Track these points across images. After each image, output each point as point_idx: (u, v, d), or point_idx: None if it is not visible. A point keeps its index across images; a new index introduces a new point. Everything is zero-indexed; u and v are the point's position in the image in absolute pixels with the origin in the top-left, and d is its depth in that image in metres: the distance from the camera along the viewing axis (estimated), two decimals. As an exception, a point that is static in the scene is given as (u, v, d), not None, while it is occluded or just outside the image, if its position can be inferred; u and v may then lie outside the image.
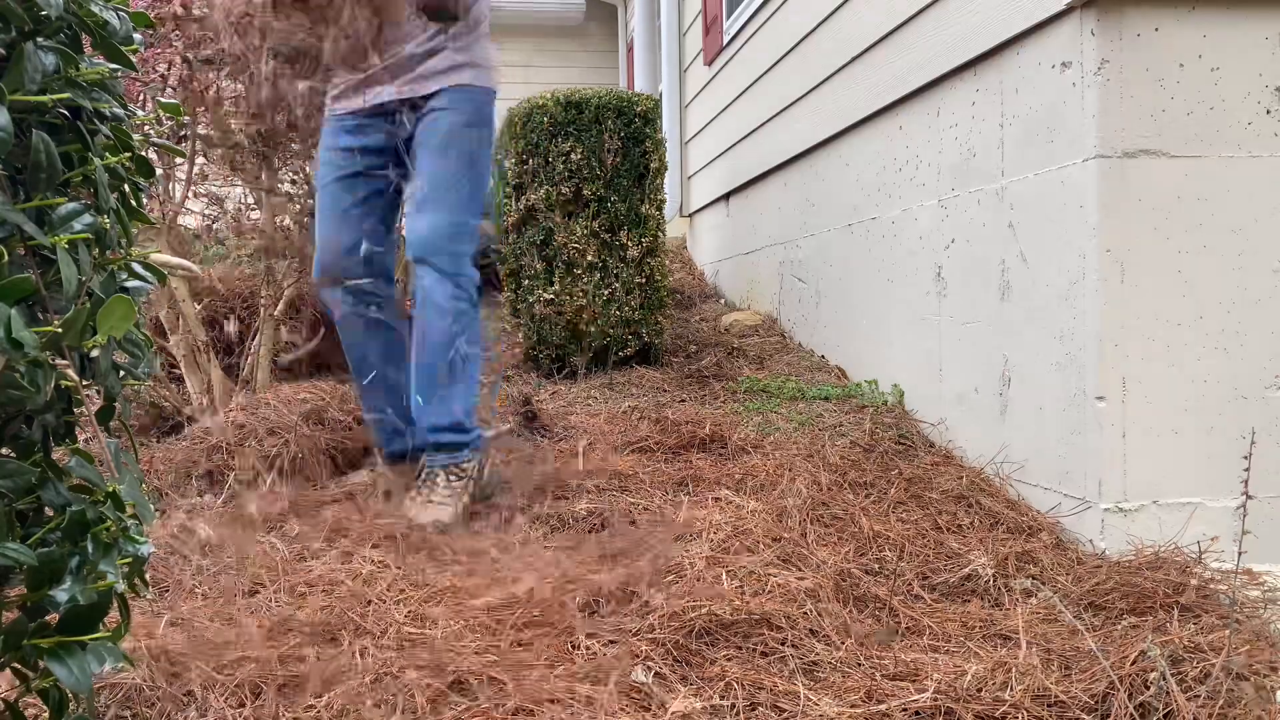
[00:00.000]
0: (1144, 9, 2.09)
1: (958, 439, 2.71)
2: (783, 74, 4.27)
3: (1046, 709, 1.44)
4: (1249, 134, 2.11)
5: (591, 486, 2.38)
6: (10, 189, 0.93)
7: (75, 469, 0.99)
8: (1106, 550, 2.07)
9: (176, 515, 2.18)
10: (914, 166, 3.00)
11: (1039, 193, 2.30)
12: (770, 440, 2.77)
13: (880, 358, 3.27)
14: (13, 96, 0.91)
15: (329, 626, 1.67)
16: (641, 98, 3.86)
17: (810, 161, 4.00)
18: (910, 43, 2.94)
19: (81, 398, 1.02)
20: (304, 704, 1.42)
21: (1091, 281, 2.11)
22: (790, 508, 2.16)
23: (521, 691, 1.45)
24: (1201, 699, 1.42)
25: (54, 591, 0.93)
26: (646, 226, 3.83)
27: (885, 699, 1.46)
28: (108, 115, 1.07)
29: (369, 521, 2.18)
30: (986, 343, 2.56)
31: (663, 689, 1.49)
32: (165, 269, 2.39)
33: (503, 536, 2.15)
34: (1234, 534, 1.92)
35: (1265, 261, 2.11)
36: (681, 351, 4.10)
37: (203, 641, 1.59)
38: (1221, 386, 2.11)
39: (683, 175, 6.59)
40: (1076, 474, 2.17)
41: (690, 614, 1.66)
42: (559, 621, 1.69)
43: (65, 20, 0.99)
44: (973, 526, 2.20)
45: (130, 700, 1.47)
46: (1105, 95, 2.08)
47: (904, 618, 1.77)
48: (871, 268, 3.34)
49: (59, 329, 0.90)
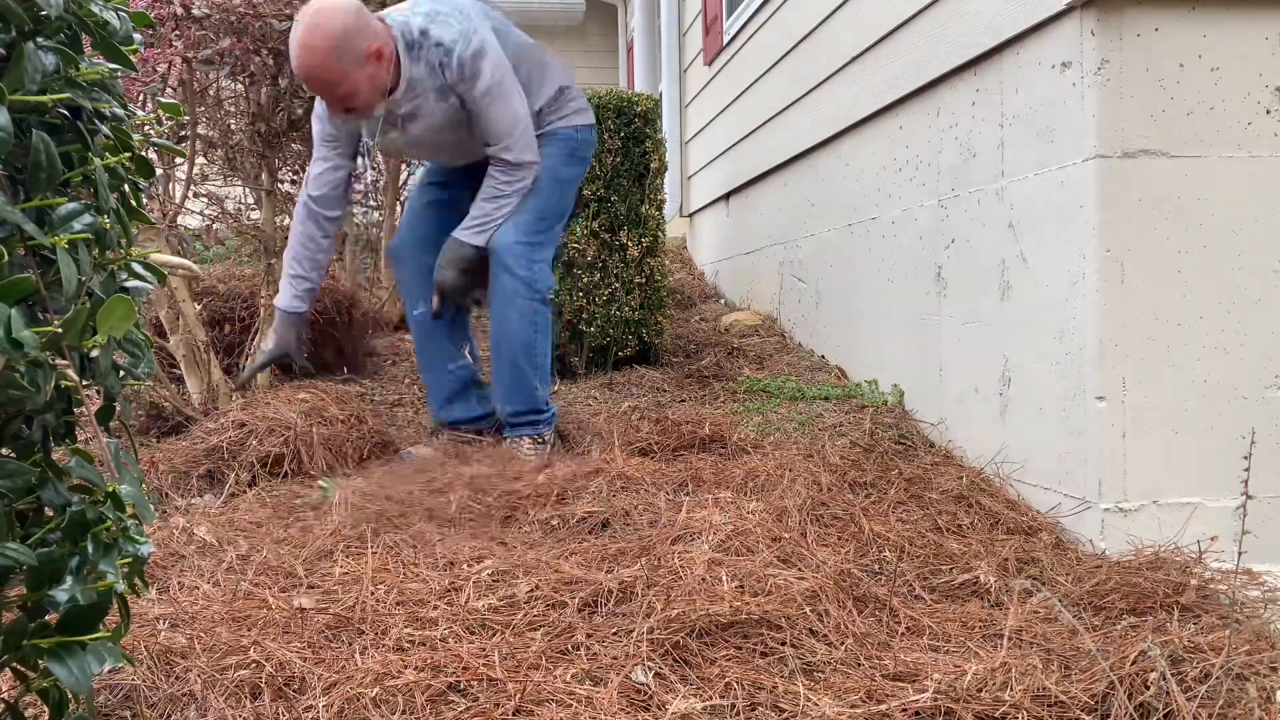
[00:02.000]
0: (1144, 9, 2.09)
1: (958, 439, 2.71)
2: (783, 74, 4.27)
3: (1046, 709, 1.44)
4: (1249, 134, 2.11)
5: (591, 486, 2.38)
6: (10, 189, 0.93)
7: (75, 469, 0.99)
8: (1106, 550, 2.07)
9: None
10: (914, 166, 3.00)
11: (1039, 193, 2.30)
12: (770, 440, 2.77)
13: (880, 358, 3.27)
14: (13, 96, 0.91)
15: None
16: (641, 98, 3.86)
17: (810, 161, 4.00)
18: (910, 42, 2.94)
19: (81, 398, 1.02)
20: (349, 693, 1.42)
21: (1091, 281, 2.11)
22: (790, 508, 2.16)
23: (522, 692, 1.45)
24: (1201, 699, 1.42)
25: (54, 591, 0.93)
26: (646, 226, 3.83)
27: (885, 699, 1.46)
28: (108, 115, 1.07)
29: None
30: (986, 343, 2.56)
31: (663, 689, 1.49)
32: (165, 269, 2.40)
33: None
34: (1234, 534, 1.92)
35: (1265, 261, 2.12)
36: (681, 351, 4.10)
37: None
38: (1221, 386, 2.11)
39: (683, 175, 6.60)
40: (1076, 474, 2.17)
41: (690, 614, 1.66)
42: (559, 621, 1.69)
43: (65, 20, 0.99)
44: (973, 527, 2.20)
45: (130, 700, 1.47)
46: (1105, 95, 2.08)
47: (904, 618, 1.77)
48: (871, 268, 3.34)
49: (59, 329, 0.90)
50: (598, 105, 3.72)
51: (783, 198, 4.41)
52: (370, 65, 2.41)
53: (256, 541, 2.11)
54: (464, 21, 2.49)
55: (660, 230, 3.92)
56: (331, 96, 2.45)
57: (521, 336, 2.68)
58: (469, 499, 2.30)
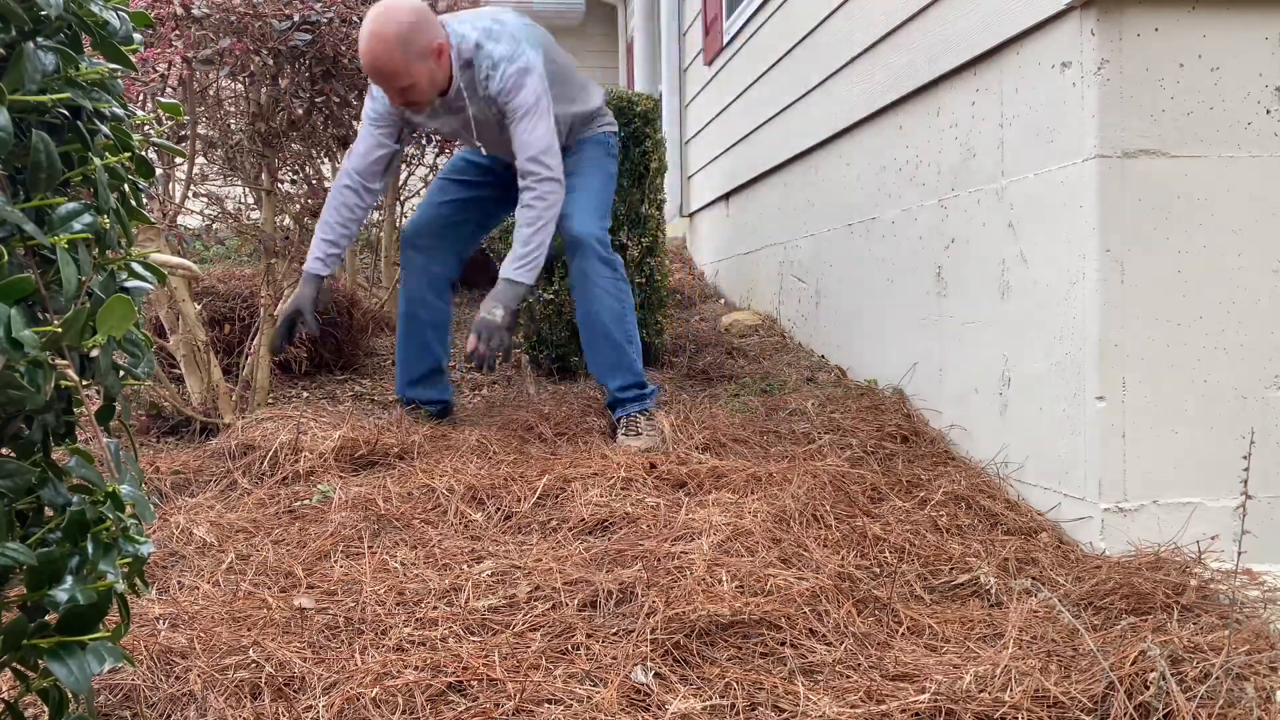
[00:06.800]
0: (1144, 9, 2.09)
1: (957, 439, 2.71)
2: (782, 74, 4.27)
3: (1046, 709, 1.44)
4: (1249, 134, 2.11)
5: (592, 486, 2.38)
6: (10, 189, 0.93)
7: (75, 469, 0.99)
8: (1106, 550, 2.07)
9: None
10: (914, 166, 3.00)
11: (1039, 193, 2.30)
12: (775, 450, 2.77)
13: (880, 357, 3.27)
14: (13, 96, 0.91)
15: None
16: (641, 98, 3.86)
17: (810, 161, 4.00)
18: (910, 42, 2.94)
19: (81, 398, 1.02)
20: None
21: (1091, 281, 2.11)
22: (790, 508, 2.16)
23: (522, 691, 1.45)
24: (1201, 699, 1.42)
25: (54, 591, 0.93)
26: (646, 226, 3.83)
27: (885, 699, 1.46)
28: (108, 115, 1.07)
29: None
30: (986, 343, 2.56)
31: (662, 689, 1.49)
32: (165, 269, 2.40)
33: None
34: (1234, 534, 1.92)
35: (1265, 261, 2.11)
36: (681, 351, 4.10)
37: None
38: (1221, 386, 2.11)
39: (683, 175, 6.59)
40: (1076, 474, 2.17)
41: (690, 614, 1.66)
42: (559, 621, 1.69)
43: (65, 20, 0.99)
44: (972, 527, 2.20)
45: (130, 700, 1.47)
46: (1105, 95, 2.08)
47: (904, 618, 1.77)
48: (871, 268, 3.34)
49: (59, 329, 0.90)
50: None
51: (783, 198, 4.41)
52: (431, 61, 2.58)
53: (256, 541, 2.11)
54: (514, 43, 2.67)
55: (660, 230, 3.92)
56: (392, 87, 2.60)
57: (614, 312, 2.88)
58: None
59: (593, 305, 2.87)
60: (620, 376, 2.90)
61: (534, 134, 2.68)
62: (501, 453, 2.65)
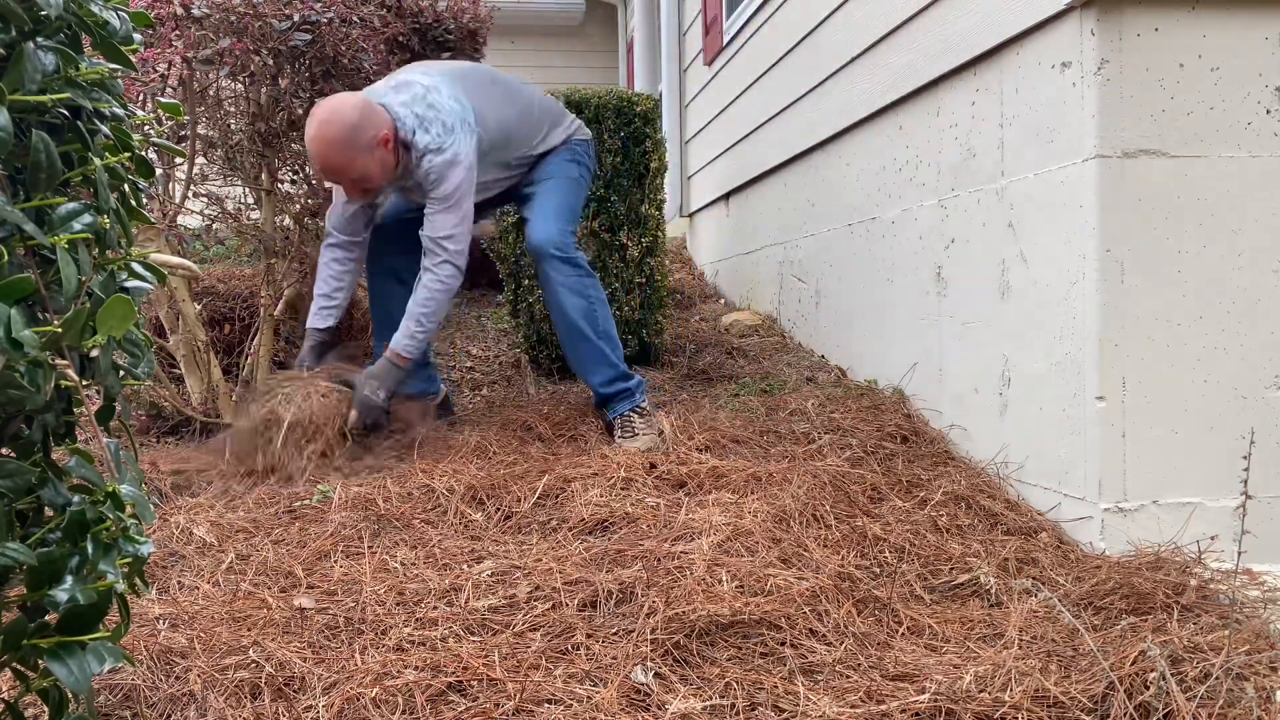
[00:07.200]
0: (1144, 9, 2.09)
1: (957, 439, 2.71)
2: (782, 74, 4.27)
3: (1046, 709, 1.44)
4: (1249, 134, 2.11)
5: (592, 486, 2.38)
6: (10, 189, 0.93)
7: (75, 469, 0.99)
8: (1106, 550, 2.07)
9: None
10: (914, 166, 3.00)
11: (1039, 193, 2.30)
12: (776, 451, 2.77)
13: (880, 357, 3.27)
14: (13, 96, 0.91)
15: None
16: (641, 98, 3.86)
17: (810, 161, 4.00)
18: (910, 42, 2.94)
19: (81, 398, 1.03)
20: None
21: (1091, 281, 2.11)
22: (790, 508, 2.16)
23: (521, 691, 1.45)
24: (1201, 699, 1.42)
25: (54, 591, 0.93)
26: (646, 226, 3.83)
27: (885, 699, 1.46)
28: (108, 115, 1.07)
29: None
30: (986, 342, 2.56)
31: (663, 689, 1.49)
32: (165, 269, 2.40)
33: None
34: (1234, 534, 1.92)
35: (1265, 261, 2.12)
36: (681, 351, 4.10)
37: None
38: (1221, 386, 2.11)
39: (683, 175, 6.59)
40: (1076, 474, 2.17)
41: (690, 614, 1.66)
42: (559, 621, 1.69)
43: (65, 20, 0.99)
44: (973, 527, 2.20)
45: (130, 700, 1.47)
46: (1105, 95, 2.08)
47: (904, 618, 1.77)
48: (871, 268, 3.34)
49: (59, 329, 0.90)
50: (597, 105, 3.72)
51: (783, 198, 4.41)
52: (380, 150, 2.66)
53: (256, 541, 2.11)
54: (444, 133, 2.73)
55: (660, 230, 3.92)
56: (348, 181, 2.69)
57: (581, 308, 2.90)
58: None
59: (559, 305, 2.91)
60: (600, 372, 2.94)
61: (444, 220, 2.74)
62: (501, 453, 2.65)
